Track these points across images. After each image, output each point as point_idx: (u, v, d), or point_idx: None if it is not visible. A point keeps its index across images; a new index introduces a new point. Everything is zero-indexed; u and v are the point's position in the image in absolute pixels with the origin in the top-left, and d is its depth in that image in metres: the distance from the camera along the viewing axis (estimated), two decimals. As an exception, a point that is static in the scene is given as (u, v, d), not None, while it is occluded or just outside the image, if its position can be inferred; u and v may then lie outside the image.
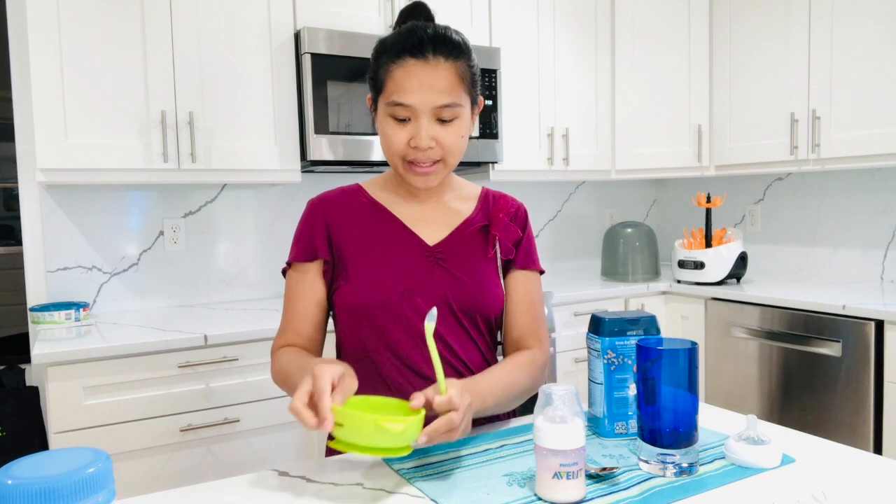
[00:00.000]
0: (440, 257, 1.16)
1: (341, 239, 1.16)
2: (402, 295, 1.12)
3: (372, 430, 0.81)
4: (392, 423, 0.82)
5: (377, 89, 1.11)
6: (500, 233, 1.20)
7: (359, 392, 1.14)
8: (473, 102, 1.13)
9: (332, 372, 0.88)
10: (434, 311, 0.94)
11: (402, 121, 1.08)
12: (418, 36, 1.07)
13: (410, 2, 1.16)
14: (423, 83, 1.05)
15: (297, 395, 0.86)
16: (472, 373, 1.17)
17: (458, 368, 1.16)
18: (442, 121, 1.08)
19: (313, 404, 0.86)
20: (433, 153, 1.09)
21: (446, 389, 0.90)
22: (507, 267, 1.23)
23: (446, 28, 1.10)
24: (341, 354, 1.19)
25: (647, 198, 3.64)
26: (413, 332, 1.13)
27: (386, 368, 1.14)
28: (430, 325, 0.92)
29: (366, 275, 1.13)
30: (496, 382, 1.08)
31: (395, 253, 1.15)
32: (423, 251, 1.16)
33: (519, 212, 1.25)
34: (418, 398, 0.90)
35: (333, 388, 0.87)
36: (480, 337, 1.20)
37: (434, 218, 1.19)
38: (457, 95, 1.08)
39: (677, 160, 2.97)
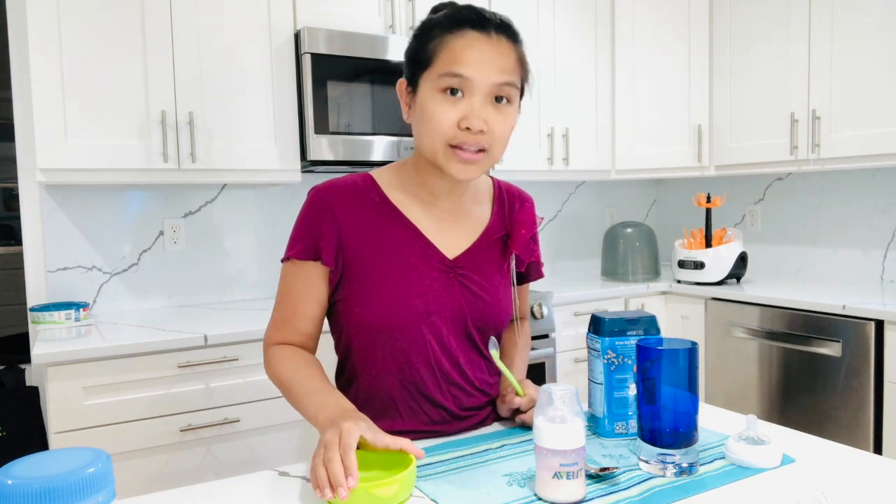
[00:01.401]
0: (460, 273, 1.10)
1: (354, 246, 1.06)
2: (422, 316, 1.06)
3: (364, 497, 0.81)
4: (382, 487, 0.81)
5: (422, 65, 1.00)
6: (519, 251, 1.15)
7: (364, 404, 1.12)
8: (521, 96, 1.06)
9: (361, 430, 0.87)
10: (493, 339, 1.06)
11: (454, 97, 0.98)
12: (480, 12, 1.00)
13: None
14: (485, 57, 0.97)
15: (328, 461, 0.83)
16: (478, 390, 1.14)
17: (465, 387, 1.13)
18: (498, 101, 1.00)
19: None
20: (483, 139, 0.99)
21: (524, 391, 1.08)
22: (519, 275, 1.21)
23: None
24: (347, 363, 1.14)
25: (647, 198, 3.64)
26: (427, 355, 1.08)
27: (395, 389, 1.10)
28: (494, 352, 1.06)
29: (384, 292, 1.06)
30: (524, 365, 1.25)
31: (414, 267, 1.07)
32: (443, 266, 1.09)
33: (535, 224, 1.21)
34: (510, 401, 1.09)
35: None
36: (485, 347, 1.16)
37: (453, 227, 1.12)
38: (516, 77, 1.01)
39: (677, 160, 2.97)
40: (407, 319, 1.05)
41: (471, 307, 1.10)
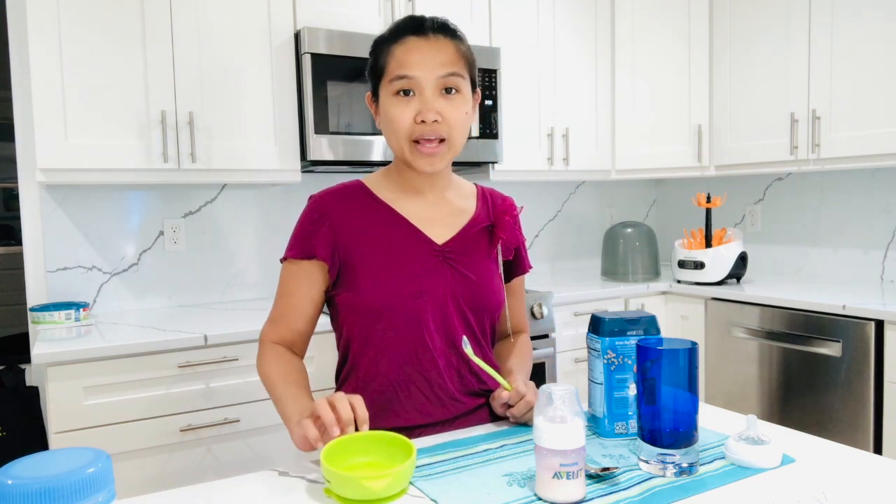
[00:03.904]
0: (449, 256, 1.16)
1: (350, 241, 1.14)
2: (414, 296, 1.12)
3: (355, 488, 0.82)
4: (373, 480, 0.82)
5: (378, 75, 1.13)
6: (506, 235, 1.22)
7: (364, 389, 1.15)
8: (473, 87, 1.15)
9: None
10: (465, 338, 1.09)
11: (407, 97, 1.09)
12: (417, 20, 1.11)
13: (407, 11, 1.20)
14: (425, 57, 1.08)
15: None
16: (476, 376, 1.18)
17: (462, 371, 1.17)
18: (447, 92, 1.09)
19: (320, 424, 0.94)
20: (439, 128, 1.09)
21: (511, 386, 1.10)
22: (507, 268, 1.27)
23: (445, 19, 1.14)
24: (348, 354, 1.18)
25: (647, 198, 3.64)
26: (421, 333, 1.13)
27: (393, 371, 1.14)
28: (468, 349, 1.07)
29: (378, 277, 1.12)
30: (524, 370, 1.24)
31: (405, 253, 1.14)
32: (432, 250, 1.16)
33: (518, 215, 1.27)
34: (499, 395, 1.11)
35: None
36: (483, 335, 1.21)
37: (440, 217, 1.19)
38: (459, 67, 1.10)
39: (677, 160, 2.97)
40: (400, 299, 1.12)
41: (462, 288, 1.16)
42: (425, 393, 1.14)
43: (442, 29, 1.11)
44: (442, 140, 1.10)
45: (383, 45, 1.12)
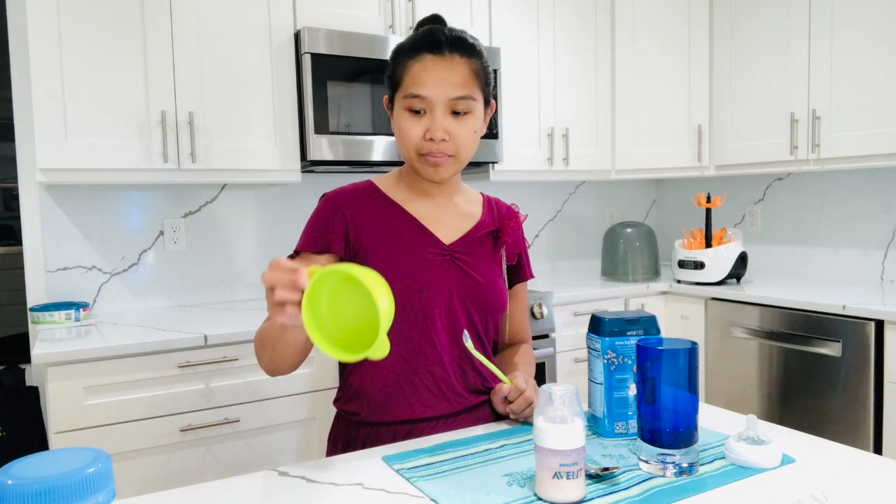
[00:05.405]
0: (456, 256, 1.19)
1: (360, 236, 1.16)
2: (421, 292, 1.15)
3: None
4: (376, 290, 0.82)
5: (394, 86, 1.15)
6: (511, 240, 1.25)
7: (369, 382, 1.17)
8: (486, 102, 1.18)
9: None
10: (466, 332, 1.10)
11: (418, 114, 1.12)
12: (435, 36, 1.13)
13: (427, 15, 1.22)
14: (439, 77, 1.10)
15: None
16: (479, 374, 1.21)
17: (466, 369, 1.19)
18: (456, 114, 1.12)
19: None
20: (447, 146, 1.12)
21: (511, 381, 1.11)
22: (509, 274, 1.30)
23: (462, 31, 1.16)
24: None
25: (647, 198, 3.64)
26: (427, 330, 1.15)
27: (399, 363, 1.15)
28: (468, 343, 1.08)
29: (387, 271, 1.12)
30: (527, 371, 1.25)
31: (413, 250, 1.17)
32: (440, 249, 1.18)
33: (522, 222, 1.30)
34: (499, 389, 1.13)
35: None
36: (486, 336, 1.23)
37: (447, 219, 1.22)
38: (471, 89, 1.13)
39: (677, 160, 2.97)
40: (408, 295, 1.13)
41: (468, 288, 1.18)
42: (429, 387, 1.16)
43: (458, 46, 1.12)
44: (449, 156, 1.14)
45: (401, 56, 1.15)
